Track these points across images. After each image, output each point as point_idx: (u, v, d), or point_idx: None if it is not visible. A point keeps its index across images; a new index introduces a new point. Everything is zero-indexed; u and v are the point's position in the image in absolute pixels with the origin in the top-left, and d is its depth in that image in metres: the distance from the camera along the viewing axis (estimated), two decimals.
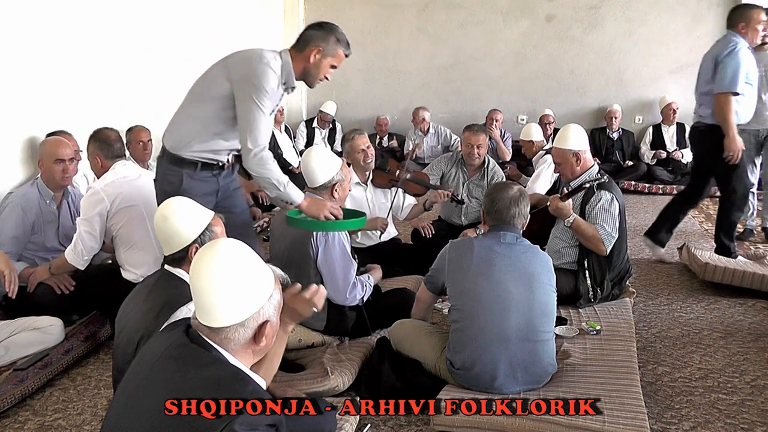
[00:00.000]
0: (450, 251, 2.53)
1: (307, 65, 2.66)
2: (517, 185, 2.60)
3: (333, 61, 2.69)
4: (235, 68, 2.57)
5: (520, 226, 2.53)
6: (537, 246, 2.53)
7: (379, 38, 8.16)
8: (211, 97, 2.60)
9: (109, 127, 3.43)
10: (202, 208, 2.17)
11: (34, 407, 2.55)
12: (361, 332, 2.94)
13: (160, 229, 2.10)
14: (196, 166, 2.64)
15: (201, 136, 2.64)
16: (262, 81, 2.51)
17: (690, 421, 2.39)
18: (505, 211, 2.49)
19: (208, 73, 2.70)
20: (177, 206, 2.12)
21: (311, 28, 2.69)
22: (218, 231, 2.15)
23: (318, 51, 2.63)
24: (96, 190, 3.12)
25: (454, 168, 4.31)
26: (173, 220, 2.07)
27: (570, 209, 3.17)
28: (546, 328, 2.40)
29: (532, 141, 5.20)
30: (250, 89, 2.51)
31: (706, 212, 5.99)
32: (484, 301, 2.35)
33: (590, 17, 7.69)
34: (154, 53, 5.11)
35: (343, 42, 2.69)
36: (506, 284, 2.35)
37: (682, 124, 7.27)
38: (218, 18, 6.30)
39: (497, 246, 2.45)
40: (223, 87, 2.58)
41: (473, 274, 2.39)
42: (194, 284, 1.41)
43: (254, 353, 1.46)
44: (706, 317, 3.40)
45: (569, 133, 3.32)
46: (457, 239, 2.64)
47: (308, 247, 2.79)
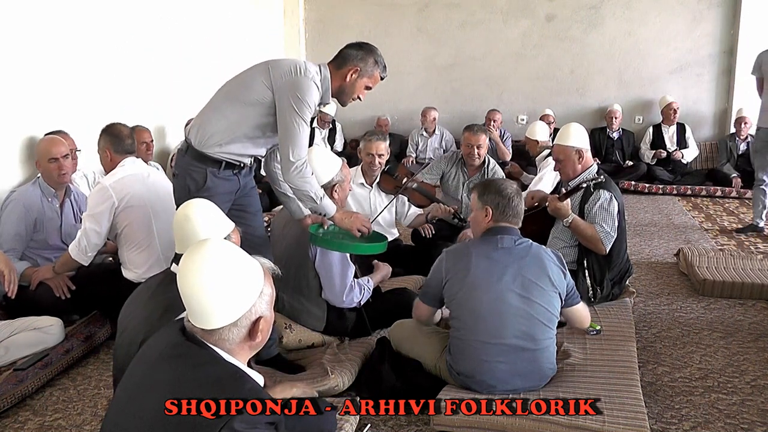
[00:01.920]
0: (447, 261, 2.43)
1: (342, 83, 2.65)
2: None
3: (369, 82, 2.69)
4: (278, 79, 2.52)
5: (518, 224, 2.46)
6: (537, 244, 2.45)
7: (379, 38, 8.14)
8: (250, 102, 2.56)
9: (122, 123, 3.42)
10: (225, 217, 2.17)
11: (34, 407, 2.55)
12: (361, 332, 2.94)
13: (180, 227, 2.09)
14: (220, 165, 2.62)
15: (232, 137, 2.60)
16: (306, 95, 2.49)
17: (690, 421, 2.39)
18: (519, 205, 2.41)
19: (248, 76, 2.63)
20: (201, 209, 2.11)
21: (351, 47, 2.67)
22: (234, 241, 2.14)
23: (355, 71, 2.63)
24: (104, 186, 3.10)
25: (454, 168, 4.31)
26: (195, 222, 2.06)
27: (568, 209, 3.17)
28: (546, 335, 2.36)
29: (537, 140, 5.20)
30: (294, 102, 2.49)
31: (705, 212, 5.99)
32: (482, 315, 2.30)
33: (590, 17, 7.69)
34: (154, 53, 5.11)
35: (381, 64, 2.69)
36: (504, 295, 2.29)
37: (682, 124, 7.27)
38: (218, 18, 6.30)
39: (494, 252, 2.35)
40: (263, 94, 2.54)
41: (470, 287, 2.33)
42: (183, 289, 1.41)
43: (251, 349, 1.46)
44: (706, 317, 3.40)
45: (571, 130, 3.32)
46: (451, 247, 2.52)
47: (307, 249, 2.80)
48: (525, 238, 2.44)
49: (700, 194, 6.68)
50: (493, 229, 2.41)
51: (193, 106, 5.60)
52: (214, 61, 6.10)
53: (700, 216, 5.83)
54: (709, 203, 6.40)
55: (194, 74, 5.69)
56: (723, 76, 7.51)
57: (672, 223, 5.53)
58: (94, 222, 3.06)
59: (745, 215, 5.74)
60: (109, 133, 3.31)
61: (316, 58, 8.12)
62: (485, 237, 2.42)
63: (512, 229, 2.43)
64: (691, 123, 7.37)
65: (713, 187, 6.74)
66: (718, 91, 7.57)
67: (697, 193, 6.69)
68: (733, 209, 6.09)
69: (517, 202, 2.43)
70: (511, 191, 2.43)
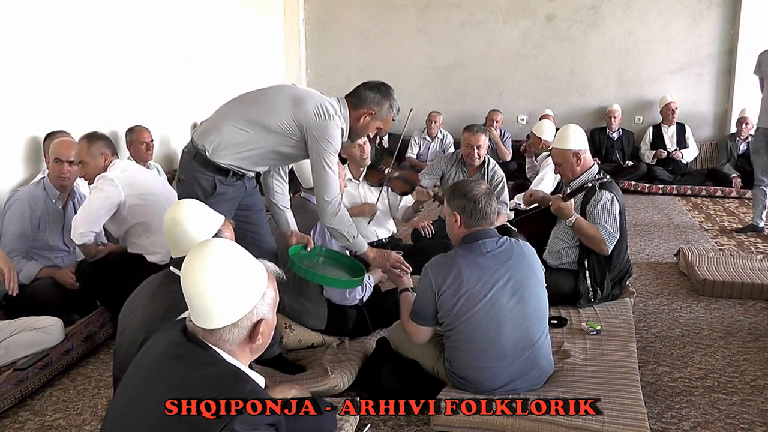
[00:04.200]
0: (433, 276, 2.33)
1: (356, 125, 2.68)
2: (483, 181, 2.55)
3: (380, 124, 2.71)
4: (305, 120, 2.53)
5: (492, 225, 2.42)
6: (515, 240, 2.42)
7: (379, 38, 8.16)
8: (273, 128, 2.55)
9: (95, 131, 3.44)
10: (213, 211, 2.16)
11: (34, 407, 2.55)
12: (361, 332, 2.95)
13: (170, 232, 2.08)
14: (228, 173, 2.63)
15: (247, 153, 2.60)
16: (333, 140, 2.54)
17: (690, 421, 2.39)
18: (489, 208, 2.36)
19: (271, 101, 2.61)
20: (188, 210, 2.10)
21: (370, 89, 2.66)
22: (228, 235, 2.13)
23: (370, 114, 2.64)
24: (110, 178, 3.15)
25: (454, 168, 4.31)
26: (183, 224, 2.05)
27: (572, 209, 3.17)
28: (541, 331, 2.37)
29: (540, 138, 5.21)
30: (324, 146, 2.53)
31: (705, 212, 5.99)
32: (479, 324, 2.28)
33: (590, 17, 7.69)
34: (154, 53, 5.11)
35: (395, 108, 2.71)
36: (499, 302, 2.28)
37: (682, 124, 7.27)
38: (218, 18, 6.30)
39: (481, 259, 2.31)
40: (288, 126, 2.54)
41: (465, 298, 2.27)
42: (185, 287, 1.41)
43: (251, 351, 1.46)
44: (706, 317, 3.40)
45: (569, 133, 3.32)
46: (432, 261, 2.40)
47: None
48: (503, 236, 2.41)
49: (700, 194, 6.68)
50: (471, 236, 2.37)
51: (192, 106, 5.64)
52: (214, 61, 6.10)
53: (700, 216, 5.83)
54: (709, 203, 6.40)
55: (194, 74, 5.68)
56: (723, 76, 7.51)
57: (672, 223, 5.53)
58: (89, 204, 3.14)
59: (745, 215, 5.74)
60: (99, 137, 3.29)
61: (316, 58, 8.25)
62: (466, 244, 2.37)
63: (489, 230, 2.38)
64: (691, 123, 7.37)
65: (713, 187, 6.74)
66: (718, 91, 7.57)
67: (697, 193, 6.69)
68: (733, 209, 6.09)
69: (485, 203, 2.35)
70: (477, 193, 2.36)
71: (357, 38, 8.17)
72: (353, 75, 8.11)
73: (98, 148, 3.24)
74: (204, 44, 5.96)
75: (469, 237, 2.37)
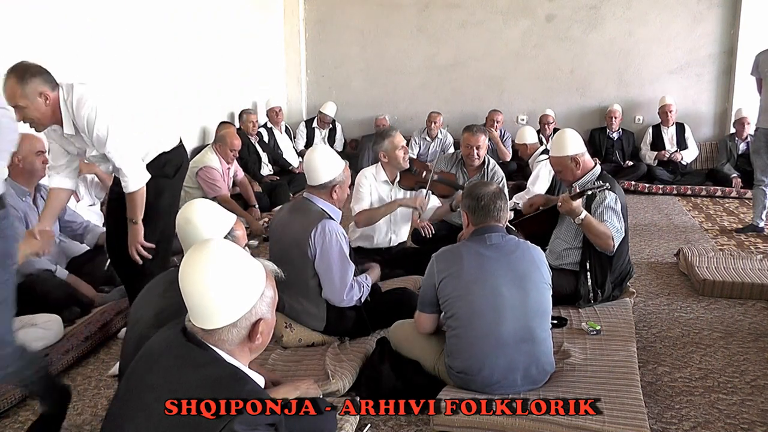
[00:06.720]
0: (437, 264, 2.44)
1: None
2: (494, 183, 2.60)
3: None
4: None
5: (503, 222, 2.49)
6: (524, 240, 2.49)
7: (379, 38, 8.16)
8: None
9: None
10: (225, 211, 2.17)
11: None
12: (361, 332, 2.94)
13: (182, 231, 2.09)
14: None
15: None
16: None
17: (690, 421, 2.39)
18: (492, 206, 2.44)
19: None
20: (200, 209, 2.11)
21: None
22: (239, 235, 2.14)
23: None
24: None
25: (454, 168, 4.30)
26: (196, 223, 2.06)
27: (582, 207, 3.16)
28: (542, 327, 2.39)
29: (526, 144, 5.25)
30: None
31: (705, 212, 5.99)
32: (478, 309, 2.32)
33: (590, 17, 7.69)
34: (154, 53, 5.11)
35: None
36: (499, 289, 2.32)
37: (681, 124, 7.27)
38: (218, 18, 6.30)
39: (484, 249, 2.39)
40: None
41: (465, 282, 2.35)
42: (183, 287, 1.41)
43: (251, 351, 1.46)
44: (706, 317, 3.40)
45: (563, 139, 3.31)
46: (439, 251, 2.50)
47: (306, 248, 2.79)
48: (510, 235, 2.49)
49: (700, 194, 6.68)
50: (479, 230, 2.47)
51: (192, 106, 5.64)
52: (214, 61, 6.10)
53: (700, 216, 5.82)
54: (709, 203, 6.40)
55: (194, 74, 5.69)
56: (723, 76, 7.50)
57: (672, 223, 5.53)
58: None
59: (745, 215, 5.74)
60: (33, 73, 3.16)
61: (316, 58, 8.24)
62: (473, 237, 2.48)
63: (497, 226, 2.46)
64: (691, 123, 7.36)
65: (713, 187, 6.74)
66: (718, 92, 7.57)
67: (697, 193, 6.69)
68: (733, 209, 6.09)
69: (488, 201, 2.44)
70: (481, 192, 2.47)
71: (357, 38, 8.17)
72: (353, 75, 8.13)
73: (33, 88, 2.64)
74: (204, 44, 5.96)
75: (476, 232, 2.47)
